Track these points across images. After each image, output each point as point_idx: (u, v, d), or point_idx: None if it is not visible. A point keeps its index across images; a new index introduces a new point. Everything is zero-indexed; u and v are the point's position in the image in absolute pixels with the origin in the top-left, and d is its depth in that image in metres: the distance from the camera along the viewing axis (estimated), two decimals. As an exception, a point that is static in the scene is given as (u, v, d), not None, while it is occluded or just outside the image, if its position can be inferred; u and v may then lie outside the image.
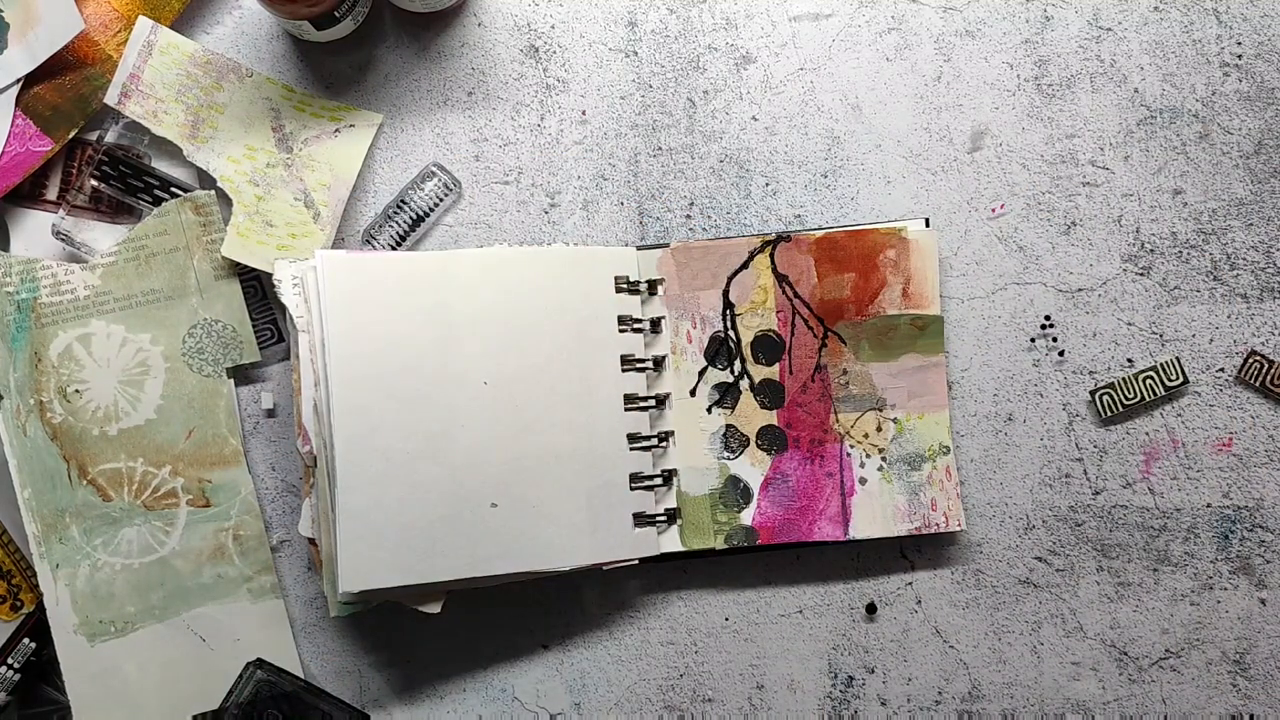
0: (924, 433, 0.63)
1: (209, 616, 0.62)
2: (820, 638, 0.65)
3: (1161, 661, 0.65)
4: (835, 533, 0.62)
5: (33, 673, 0.63)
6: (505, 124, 0.65)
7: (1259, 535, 0.65)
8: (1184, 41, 0.66)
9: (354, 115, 0.64)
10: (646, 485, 0.61)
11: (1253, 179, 0.66)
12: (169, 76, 0.62)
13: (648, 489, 0.61)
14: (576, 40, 0.66)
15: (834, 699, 0.64)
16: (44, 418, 0.61)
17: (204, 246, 0.63)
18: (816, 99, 0.66)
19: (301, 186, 0.63)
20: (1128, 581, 0.65)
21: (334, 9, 0.60)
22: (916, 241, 0.62)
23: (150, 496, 0.62)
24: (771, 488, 0.62)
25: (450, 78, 0.65)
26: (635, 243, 0.64)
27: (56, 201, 0.64)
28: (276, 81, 0.64)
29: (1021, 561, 0.65)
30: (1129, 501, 0.65)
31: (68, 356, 0.62)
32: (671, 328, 0.62)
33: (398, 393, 0.58)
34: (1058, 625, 0.65)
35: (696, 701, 0.64)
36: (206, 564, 0.62)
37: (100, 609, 0.61)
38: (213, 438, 0.63)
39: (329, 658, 0.64)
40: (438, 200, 0.64)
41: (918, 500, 0.62)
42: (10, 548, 0.62)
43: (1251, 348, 0.65)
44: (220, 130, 0.63)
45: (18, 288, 0.61)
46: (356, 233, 0.65)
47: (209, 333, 0.63)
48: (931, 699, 0.65)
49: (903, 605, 0.65)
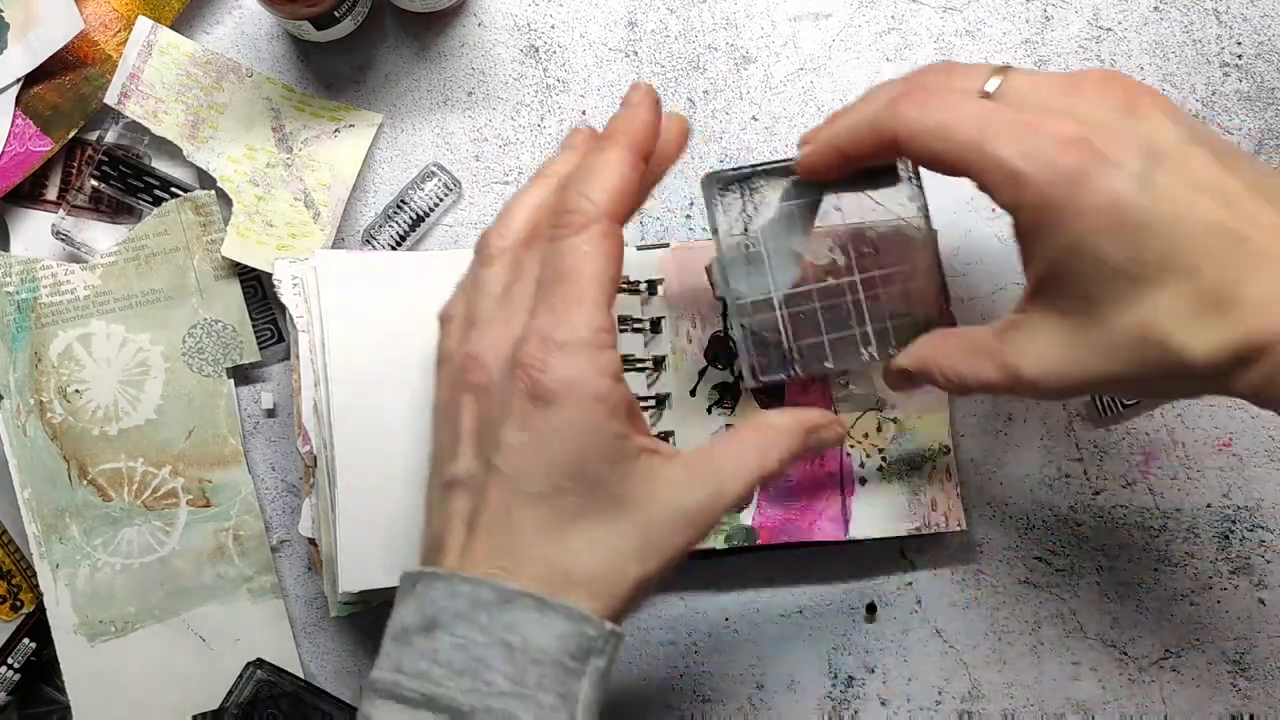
0: (924, 433, 0.63)
1: (209, 616, 0.62)
2: (820, 638, 0.65)
3: (1161, 661, 0.65)
4: (835, 533, 0.62)
5: (33, 673, 0.63)
6: (505, 124, 0.65)
7: (1259, 535, 0.65)
8: (1184, 41, 0.66)
9: (354, 115, 0.64)
10: (646, 485, 0.61)
11: (1253, 179, 0.66)
12: (169, 76, 0.62)
13: (648, 489, 0.61)
14: (576, 40, 0.66)
15: (834, 699, 0.64)
16: (44, 418, 0.61)
17: (204, 246, 0.63)
18: (816, 99, 0.66)
19: (301, 186, 0.63)
20: (1128, 581, 0.65)
21: (334, 9, 0.60)
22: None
23: (150, 496, 0.62)
24: (771, 489, 0.62)
25: (450, 78, 0.65)
26: (635, 243, 0.64)
27: (56, 201, 0.64)
28: (276, 81, 0.64)
29: (1021, 561, 0.65)
30: (1129, 501, 0.65)
31: (68, 356, 0.62)
32: (671, 328, 0.62)
33: (397, 392, 0.58)
34: (1058, 625, 0.65)
35: (696, 701, 0.64)
36: (206, 564, 0.62)
37: (100, 609, 0.61)
38: (213, 438, 0.63)
39: (329, 658, 0.64)
40: (438, 200, 0.64)
41: (918, 500, 0.62)
42: (10, 548, 0.62)
43: (1251, 348, 0.65)
44: (220, 130, 0.63)
45: (18, 288, 0.62)
46: (356, 233, 0.65)
47: (209, 333, 0.63)
48: (931, 699, 0.65)
49: (903, 605, 0.65)
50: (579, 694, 0.45)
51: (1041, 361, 0.47)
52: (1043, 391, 0.48)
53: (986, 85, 0.48)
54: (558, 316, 0.46)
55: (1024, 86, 0.47)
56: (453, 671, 0.44)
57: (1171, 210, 0.43)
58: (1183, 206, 0.44)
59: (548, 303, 0.47)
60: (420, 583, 0.46)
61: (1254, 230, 0.43)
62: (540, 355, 0.46)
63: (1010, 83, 0.48)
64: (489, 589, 0.45)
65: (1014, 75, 0.48)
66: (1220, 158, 0.45)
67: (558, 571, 0.45)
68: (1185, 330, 0.43)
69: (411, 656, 0.45)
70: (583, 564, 0.46)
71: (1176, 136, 0.45)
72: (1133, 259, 0.44)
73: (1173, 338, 0.44)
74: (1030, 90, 0.47)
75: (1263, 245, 0.43)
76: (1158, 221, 0.43)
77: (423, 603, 0.46)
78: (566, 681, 0.44)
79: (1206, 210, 0.43)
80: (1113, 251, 0.44)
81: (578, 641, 0.45)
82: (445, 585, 0.46)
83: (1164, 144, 0.44)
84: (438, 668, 0.44)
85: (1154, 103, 0.46)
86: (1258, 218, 0.44)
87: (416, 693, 0.44)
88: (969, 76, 0.48)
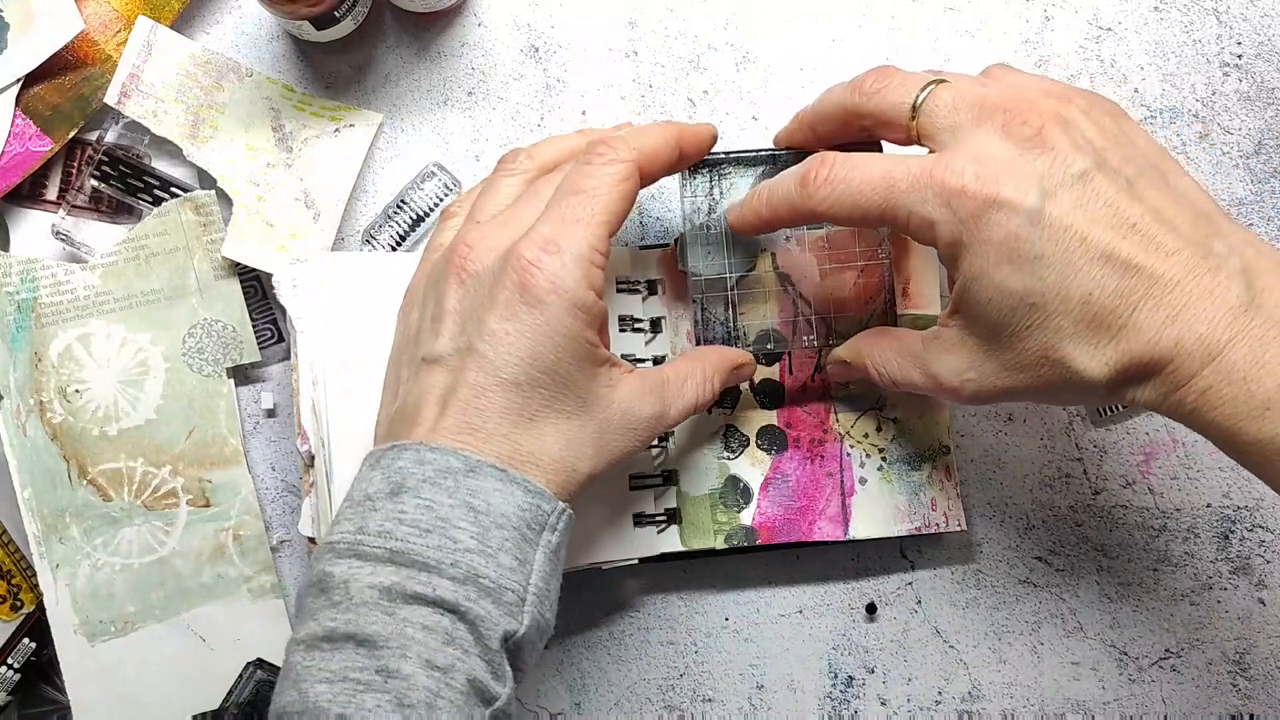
0: (924, 433, 0.63)
1: (209, 616, 0.62)
2: (820, 638, 0.65)
3: (1161, 661, 0.65)
4: (835, 533, 0.62)
5: (33, 673, 0.63)
6: (505, 124, 0.65)
7: (1259, 535, 0.65)
8: (1184, 41, 0.66)
9: (354, 115, 0.64)
10: (646, 485, 0.61)
11: (1253, 179, 0.66)
12: (169, 76, 0.62)
13: (647, 489, 0.61)
14: (576, 40, 0.66)
15: (834, 699, 0.64)
16: (44, 418, 0.61)
17: (204, 246, 0.63)
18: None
19: (302, 186, 0.63)
20: (1128, 581, 0.65)
21: (334, 9, 0.60)
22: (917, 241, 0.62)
23: (150, 496, 0.62)
24: (771, 488, 0.62)
25: (450, 78, 0.65)
26: (635, 242, 0.64)
27: (56, 201, 0.64)
28: (276, 81, 0.64)
29: (1021, 561, 0.65)
30: (1129, 501, 0.65)
31: (68, 356, 0.62)
32: (671, 327, 0.62)
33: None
34: (1058, 625, 0.65)
35: (696, 701, 0.64)
36: (206, 564, 0.62)
37: (100, 609, 0.61)
38: (213, 438, 0.63)
39: (329, 658, 0.64)
40: (438, 200, 0.64)
41: (918, 500, 0.62)
42: (10, 548, 0.62)
43: (1251, 348, 0.65)
44: (220, 130, 0.63)
45: (18, 288, 0.61)
46: (356, 233, 0.65)
47: (209, 333, 0.63)
48: (931, 699, 0.65)
49: (903, 605, 0.65)
50: (533, 561, 0.48)
51: (958, 374, 0.52)
52: (962, 399, 0.52)
53: (916, 99, 0.51)
54: (564, 226, 0.50)
55: (941, 109, 0.50)
56: (420, 530, 0.47)
57: (1064, 242, 0.47)
58: (1074, 240, 0.47)
59: (558, 211, 0.50)
60: (385, 456, 0.49)
61: (1149, 257, 0.46)
62: (537, 254, 0.49)
63: (933, 100, 0.51)
64: (457, 458, 0.48)
65: (939, 92, 0.51)
66: (1129, 184, 0.48)
67: (521, 453, 0.49)
68: (1082, 353, 0.47)
69: (376, 518, 0.47)
70: (543, 450, 0.49)
71: (1080, 167, 0.48)
72: (1031, 289, 0.47)
73: (1073, 360, 0.48)
74: (947, 114, 0.50)
75: (1158, 271, 0.46)
76: (1050, 254, 0.47)
77: (389, 471, 0.48)
78: (523, 548, 0.48)
79: (1100, 241, 0.47)
80: (1013, 283, 0.48)
81: (534, 514, 0.48)
82: (413, 454, 0.48)
83: (1061, 178, 0.47)
84: (404, 527, 0.47)
85: (1063, 132, 0.48)
86: (1155, 244, 0.47)
87: (382, 548, 0.46)
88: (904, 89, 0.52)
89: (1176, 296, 0.46)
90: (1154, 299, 0.46)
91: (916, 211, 0.49)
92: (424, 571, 0.46)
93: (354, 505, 0.48)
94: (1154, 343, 0.46)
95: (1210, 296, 0.46)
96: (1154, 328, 0.46)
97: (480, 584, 0.46)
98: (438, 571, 0.46)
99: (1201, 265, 0.46)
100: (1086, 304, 0.47)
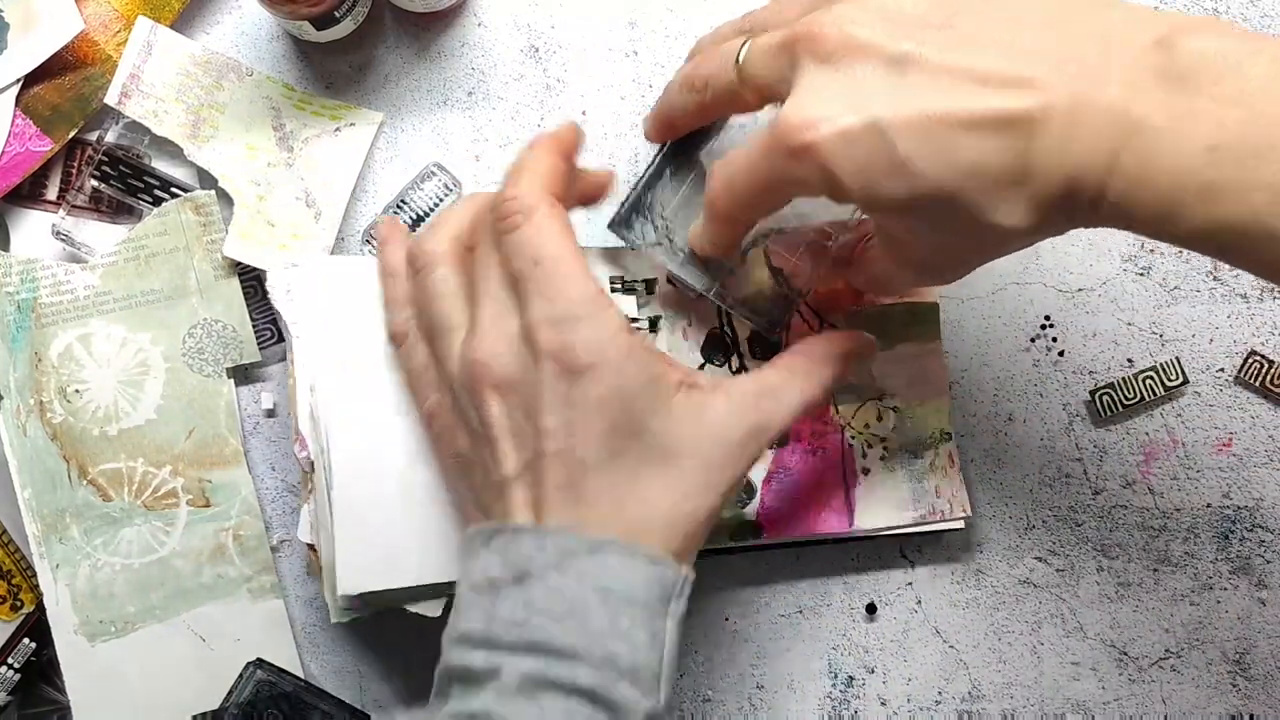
0: (924, 420, 0.63)
1: (209, 616, 0.62)
2: (820, 638, 0.65)
3: (1161, 661, 0.65)
4: (840, 525, 0.62)
5: (33, 673, 0.63)
6: (505, 124, 0.65)
7: (1259, 535, 0.65)
8: (1183, 41, 0.66)
9: (355, 114, 0.64)
10: (646, 485, 0.61)
11: (1252, 179, 0.66)
12: (169, 76, 0.62)
13: (648, 489, 0.61)
14: (576, 40, 0.66)
15: (834, 699, 0.64)
16: (44, 418, 0.61)
17: (204, 246, 0.63)
18: (816, 99, 0.66)
19: (303, 186, 0.63)
20: (1128, 581, 0.65)
21: (334, 9, 0.60)
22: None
23: (150, 496, 0.62)
24: (774, 482, 0.62)
25: (450, 78, 0.65)
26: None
27: (56, 201, 0.64)
28: (277, 81, 0.64)
29: (1021, 561, 0.65)
30: (1129, 501, 0.65)
31: (68, 356, 0.62)
32: (669, 326, 0.62)
33: (393, 396, 0.58)
34: (1058, 625, 0.65)
35: (696, 701, 0.64)
36: (206, 564, 0.62)
37: (100, 609, 0.61)
38: (213, 438, 0.63)
39: (329, 658, 0.64)
40: (438, 200, 0.64)
41: (922, 488, 0.62)
42: (10, 548, 0.62)
43: (1251, 348, 0.65)
44: (220, 130, 0.63)
45: (18, 288, 0.61)
46: (356, 233, 0.65)
47: (209, 333, 0.63)
48: (931, 699, 0.65)
49: (903, 605, 0.65)
50: (665, 635, 0.46)
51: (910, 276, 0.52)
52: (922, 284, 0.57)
53: (740, 56, 0.49)
54: (552, 300, 0.48)
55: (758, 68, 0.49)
56: (554, 617, 0.45)
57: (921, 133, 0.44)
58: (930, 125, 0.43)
59: (535, 291, 0.48)
60: (497, 538, 0.48)
61: (1012, 99, 0.43)
62: (558, 338, 0.47)
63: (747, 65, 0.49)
64: (576, 539, 0.46)
65: (748, 54, 0.49)
66: (953, 32, 0.44)
67: (632, 522, 0.47)
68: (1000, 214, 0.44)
69: (506, 606, 0.46)
70: (652, 511, 0.47)
71: (891, 52, 0.44)
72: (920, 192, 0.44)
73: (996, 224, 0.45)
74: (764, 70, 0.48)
75: (1026, 108, 0.43)
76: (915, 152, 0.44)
77: (507, 556, 0.47)
78: (654, 622, 0.46)
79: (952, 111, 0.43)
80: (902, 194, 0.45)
81: (660, 585, 0.46)
82: (532, 538, 0.47)
83: (881, 79, 0.44)
84: (537, 615, 0.45)
85: (855, 28, 0.45)
86: (1011, 81, 0.43)
87: (518, 640, 0.45)
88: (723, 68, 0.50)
89: (1058, 124, 0.42)
90: (1038, 136, 0.42)
91: (788, 178, 0.47)
92: (562, 660, 0.45)
93: (476, 591, 0.47)
94: (1058, 173, 0.43)
95: (1090, 106, 0.42)
96: (1051, 162, 0.43)
97: (618, 666, 0.45)
98: (574, 659, 0.45)
99: (1066, 74, 0.42)
100: (976, 175, 0.43)
